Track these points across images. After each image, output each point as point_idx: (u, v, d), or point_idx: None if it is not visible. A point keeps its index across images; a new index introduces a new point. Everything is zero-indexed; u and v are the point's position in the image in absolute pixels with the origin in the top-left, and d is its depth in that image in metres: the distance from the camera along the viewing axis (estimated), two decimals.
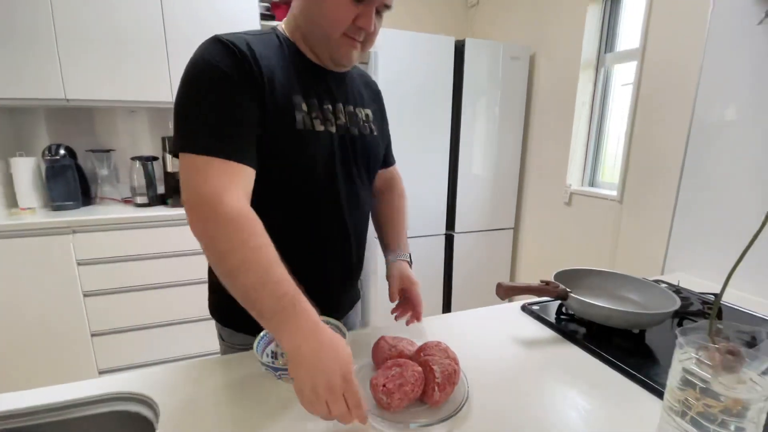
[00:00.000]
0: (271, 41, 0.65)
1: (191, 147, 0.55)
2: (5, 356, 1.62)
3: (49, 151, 1.78)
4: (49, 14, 1.58)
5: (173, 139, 0.58)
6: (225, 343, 0.79)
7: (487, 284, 2.32)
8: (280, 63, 0.64)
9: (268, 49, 0.63)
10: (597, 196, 1.79)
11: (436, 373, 0.55)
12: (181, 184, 0.56)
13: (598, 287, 0.93)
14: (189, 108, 0.57)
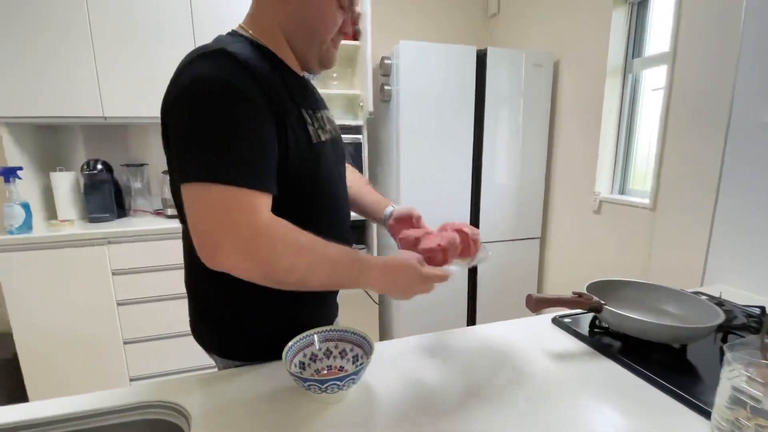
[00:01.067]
0: (249, 50, 0.60)
1: (221, 177, 0.50)
2: (42, 363, 1.69)
3: (87, 165, 1.87)
4: (89, 41, 1.68)
5: (183, 165, 0.53)
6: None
7: (514, 296, 2.26)
8: (273, 74, 0.60)
9: (258, 60, 0.59)
10: (628, 204, 1.73)
11: (469, 233, 0.76)
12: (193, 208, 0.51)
13: (633, 299, 0.89)
14: (211, 133, 0.51)
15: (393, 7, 2.45)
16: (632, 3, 1.74)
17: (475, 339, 0.84)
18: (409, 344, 0.82)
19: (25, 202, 1.65)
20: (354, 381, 0.60)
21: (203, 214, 0.51)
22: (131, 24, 1.71)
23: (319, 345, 0.70)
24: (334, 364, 0.69)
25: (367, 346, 0.67)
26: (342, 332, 0.70)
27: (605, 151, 1.86)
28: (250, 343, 0.72)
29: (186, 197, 0.53)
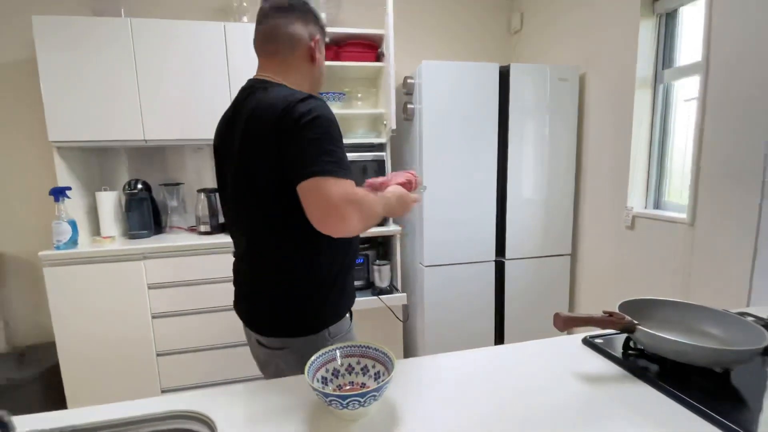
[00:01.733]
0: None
1: (343, 173, 0.74)
2: (81, 371, 1.77)
3: (128, 185, 1.99)
4: (134, 73, 1.82)
5: (306, 162, 0.73)
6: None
7: (544, 314, 2.18)
8: None
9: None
10: (663, 219, 1.65)
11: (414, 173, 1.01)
12: (331, 195, 0.72)
13: (670, 320, 0.85)
14: (327, 147, 0.74)
15: (415, 28, 2.50)
16: (660, 14, 1.70)
17: (502, 358, 0.81)
18: (434, 362, 0.81)
19: (72, 220, 1.77)
20: (375, 398, 0.60)
21: (331, 197, 0.71)
22: (171, 58, 1.84)
23: (341, 360, 0.70)
24: (356, 380, 0.69)
25: (389, 363, 0.67)
26: (364, 348, 0.71)
27: (637, 164, 1.80)
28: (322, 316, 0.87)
29: (311, 186, 0.72)
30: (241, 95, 0.87)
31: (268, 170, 0.77)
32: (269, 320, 0.87)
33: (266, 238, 0.83)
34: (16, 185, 2.08)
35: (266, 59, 0.88)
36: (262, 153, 0.77)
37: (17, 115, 2.04)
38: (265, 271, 0.86)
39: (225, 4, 2.19)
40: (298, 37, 0.86)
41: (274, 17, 0.86)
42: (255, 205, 0.82)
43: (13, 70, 2.02)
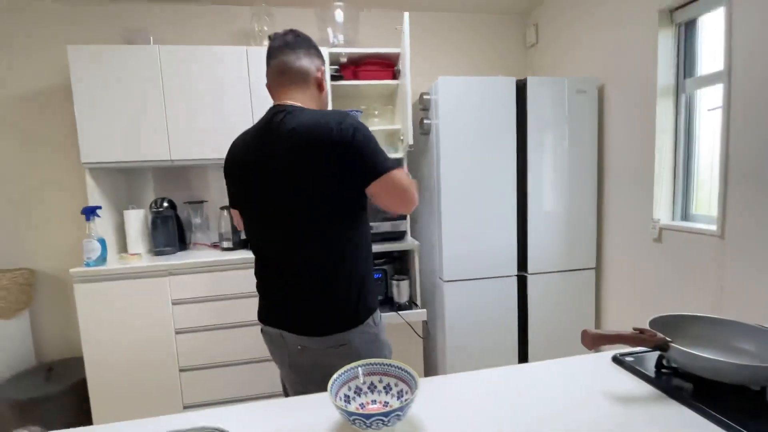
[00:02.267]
0: None
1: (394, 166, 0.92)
2: (107, 386, 1.81)
3: (155, 204, 2.06)
4: (161, 95, 1.90)
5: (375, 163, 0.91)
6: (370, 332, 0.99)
7: (569, 331, 2.12)
8: None
9: None
10: (692, 231, 1.60)
11: None
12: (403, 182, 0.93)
13: (704, 336, 0.81)
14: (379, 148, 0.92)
15: (431, 45, 2.55)
16: (679, 24, 1.68)
17: (527, 378, 0.79)
18: (456, 381, 0.79)
19: (102, 238, 1.84)
20: (399, 417, 0.59)
21: (403, 183, 0.93)
22: (196, 81, 1.92)
23: (363, 378, 0.69)
24: (379, 398, 0.69)
25: (412, 382, 0.66)
26: (386, 366, 0.70)
27: (662, 175, 1.75)
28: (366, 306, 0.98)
29: (387, 180, 0.91)
30: (272, 118, 0.95)
31: (323, 178, 0.89)
32: (324, 319, 0.93)
33: (317, 240, 0.93)
34: (50, 205, 2.19)
35: (283, 89, 1.00)
36: (319, 164, 0.89)
37: (52, 138, 2.16)
38: (317, 272, 0.93)
39: (246, 29, 2.28)
40: (307, 69, 1.00)
41: (284, 54, 0.99)
42: (307, 211, 0.91)
43: (49, 96, 2.14)
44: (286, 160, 0.90)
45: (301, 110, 0.94)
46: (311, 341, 0.93)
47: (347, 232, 0.95)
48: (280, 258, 0.97)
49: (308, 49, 1.01)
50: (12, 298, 2.00)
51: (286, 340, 0.97)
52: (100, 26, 2.17)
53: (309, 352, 0.95)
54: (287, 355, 0.99)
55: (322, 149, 0.88)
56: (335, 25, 2.13)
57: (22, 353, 2.10)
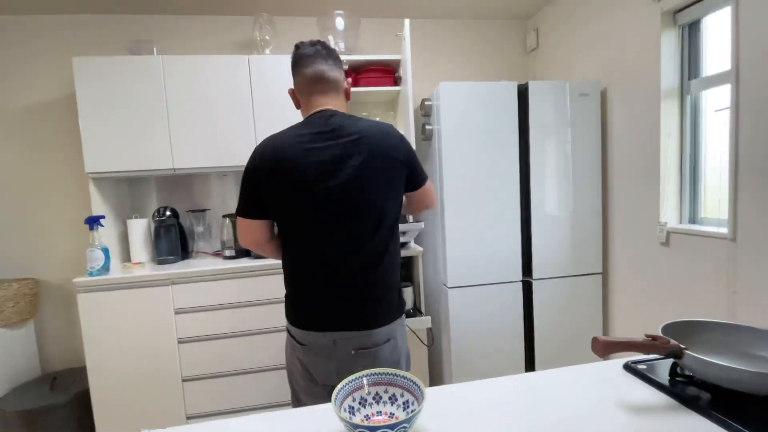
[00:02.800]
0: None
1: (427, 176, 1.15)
2: (110, 396, 1.79)
3: (158, 212, 2.06)
4: (164, 106, 1.91)
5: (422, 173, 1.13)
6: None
7: (576, 337, 2.08)
8: None
9: None
10: (701, 234, 1.57)
11: None
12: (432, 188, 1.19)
13: (719, 343, 0.79)
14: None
15: (432, 51, 2.55)
16: (682, 25, 1.67)
17: (536, 387, 0.77)
18: (463, 391, 0.77)
19: (105, 247, 1.84)
20: (406, 429, 0.57)
21: (433, 189, 1.19)
22: (199, 90, 1.93)
23: (368, 389, 0.68)
24: (385, 409, 0.67)
25: (418, 392, 0.65)
26: (392, 376, 0.68)
27: (668, 177, 1.73)
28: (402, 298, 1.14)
29: (430, 186, 1.17)
30: (328, 120, 1.02)
31: (392, 179, 1.03)
32: (381, 311, 1.03)
33: (380, 236, 1.02)
34: (55, 214, 2.19)
35: (320, 96, 1.06)
36: (390, 168, 1.02)
37: (57, 148, 2.17)
38: (378, 267, 1.02)
39: (248, 38, 2.30)
40: (338, 79, 1.09)
41: (318, 63, 1.06)
42: (376, 209, 1.01)
43: (54, 107, 2.16)
44: (361, 159, 0.98)
45: (349, 116, 1.04)
46: (367, 336, 1.00)
47: (395, 228, 1.07)
48: (341, 256, 1.00)
49: (336, 61, 1.09)
50: (18, 308, 2.00)
51: (338, 347, 1.00)
52: (105, 37, 2.19)
53: (361, 356, 1.00)
54: (335, 366, 1.00)
55: (393, 155, 1.02)
56: (336, 32, 2.14)
57: (27, 363, 2.09)
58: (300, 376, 1.07)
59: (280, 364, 1.91)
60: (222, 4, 2.18)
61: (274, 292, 1.89)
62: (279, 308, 1.90)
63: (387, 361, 1.03)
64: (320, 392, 1.04)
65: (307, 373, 1.05)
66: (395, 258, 1.08)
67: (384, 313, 1.03)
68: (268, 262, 1.90)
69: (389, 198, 1.03)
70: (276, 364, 1.90)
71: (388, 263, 1.05)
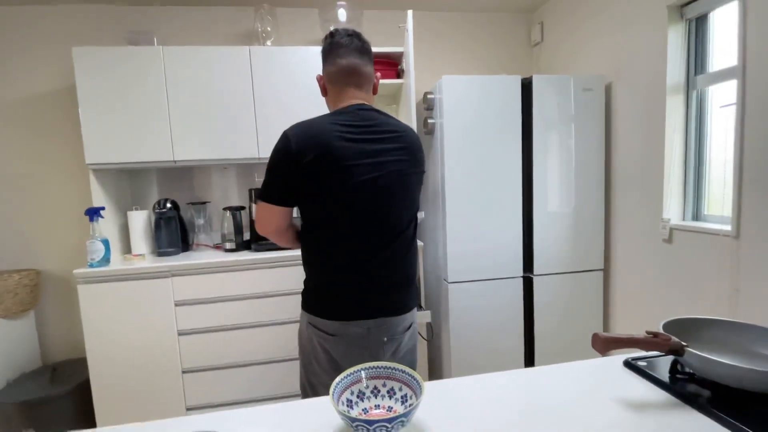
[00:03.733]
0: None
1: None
2: (110, 388, 1.80)
3: (158, 204, 2.06)
4: (165, 97, 1.90)
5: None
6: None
7: (577, 333, 2.08)
8: None
9: None
10: (704, 231, 1.56)
11: None
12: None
13: (720, 340, 0.78)
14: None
15: (435, 44, 2.53)
16: (690, 19, 1.65)
17: (535, 382, 0.77)
18: (462, 385, 0.77)
19: (105, 239, 1.84)
20: (403, 423, 0.57)
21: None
22: (199, 82, 1.92)
23: (367, 382, 0.67)
24: (383, 403, 0.66)
25: (416, 386, 0.64)
26: (390, 370, 0.68)
27: (672, 173, 1.72)
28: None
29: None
30: (367, 114, 1.05)
31: (419, 172, 1.11)
32: (410, 297, 1.10)
33: (410, 226, 1.09)
34: (55, 206, 2.19)
35: (352, 89, 1.08)
36: (418, 161, 1.10)
37: (57, 139, 2.17)
38: (408, 255, 1.09)
39: (249, 29, 2.28)
40: (370, 74, 1.11)
41: (354, 56, 1.07)
42: (409, 200, 1.08)
43: (53, 99, 2.15)
44: (400, 153, 1.04)
45: (383, 112, 1.08)
46: (399, 321, 1.05)
47: (416, 218, 1.13)
48: (379, 246, 1.03)
49: (370, 55, 1.11)
50: (18, 299, 2.00)
51: (371, 334, 1.02)
52: (104, 28, 2.17)
53: (390, 344, 1.05)
54: (368, 354, 1.01)
55: (422, 157, 1.12)
56: (338, 24, 2.11)
57: (27, 354, 2.10)
58: (322, 370, 1.03)
59: (279, 356, 1.91)
60: None
61: (273, 284, 1.90)
62: (279, 301, 1.91)
63: (406, 345, 1.11)
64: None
65: (333, 365, 1.01)
66: (417, 247, 1.16)
67: (411, 299, 1.11)
68: (268, 255, 1.90)
69: (417, 191, 1.12)
70: (276, 356, 1.91)
71: (415, 251, 1.13)
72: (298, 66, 1.96)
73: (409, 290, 1.11)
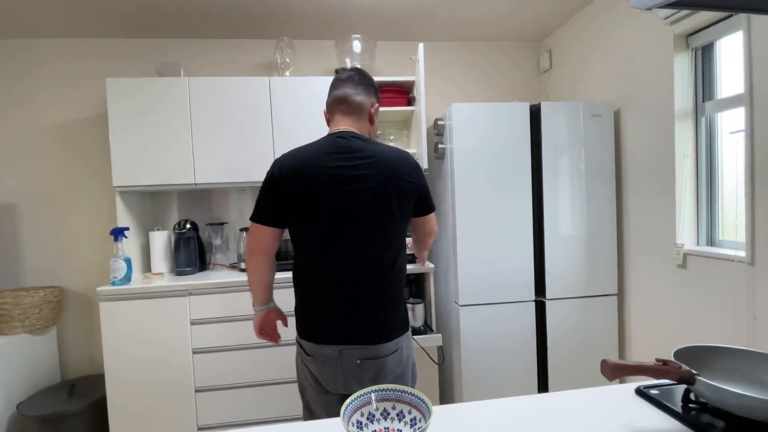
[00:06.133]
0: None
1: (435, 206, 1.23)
2: (126, 404, 1.83)
3: (178, 225, 2.14)
4: (188, 124, 2.01)
5: (430, 201, 1.19)
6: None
7: (591, 359, 2.03)
8: None
9: None
10: (719, 257, 1.54)
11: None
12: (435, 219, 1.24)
13: (735, 369, 0.77)
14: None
15: (445, 71, 2.61)
16: (696, 48, 1.68)
17: (546, 408, 0.77)
18: (472, 410, 0.77)
19: (128, 258, 1.91)
20: None
21: (435, 220, 1.24)
22: (221, 109, 2.02)
23: (376, 405, 0.69)
24: (392, 426, 0.68)
25: (425, 409, 0.66)
26: (400, 392, 0.69)
27: (684, 199, 1.71)
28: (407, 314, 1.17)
29: (432, 216, 1.21)
30: (344, 141, 1.08)
31: (400, 200, 1.07)
32: (390, 326, 1.06)
33: (388, 251, 1.07)
34: (81, 226, 2.29)
35: (341, 116, 1.14)
36: (399, 188, 1.06)
37: (86, 164, 2.29)
38: (386, 282, 1.06)
39: (269, 60, 2.40)
40: (362, 103, 1.14)
41: (347, 87, 1.14)
42: (384, 225, 1.05)
43: (86, 125, 2.29)
44: (375, 180, 1.04)
45: (367, 139, 1.11)
46: (375, 350, 1.03)
47: (400, 247, 1.10)
48: (350, 271, 1.04)
49: (367, 87, 1.16)
50: (42, 315, 2.08)
51: (343, 357, 1.02)
52: (135, 60, 2.32)
53: (367, 365, 1.02)
54: (342, 376, 1.03)
55: (406, 180, 1.07)
56: (353, 55, 2.22)
57: (47, 369, 2.16)
58: (311, 387, 1.10)
59: (292, 377, 1.91)
60: (246, 29, 2.29)
61: (286, 304, 1.92)
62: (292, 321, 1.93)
63: (393, 371, 1.06)
64: (331, 400, 1.07)
65: (317, 383, 1.08)
66: (401, 275, 1.12)
67: (388, 329, 1.06)
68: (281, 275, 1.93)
69: (398, 219, 1.08)
70: (288, 377, 1.92)
71: (395, 280, 1.09)
72: (314, 95, 2.05)
73: (388, 318, 1.07)
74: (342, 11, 2.13)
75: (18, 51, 2.23)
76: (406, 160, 1.09)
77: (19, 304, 1.98)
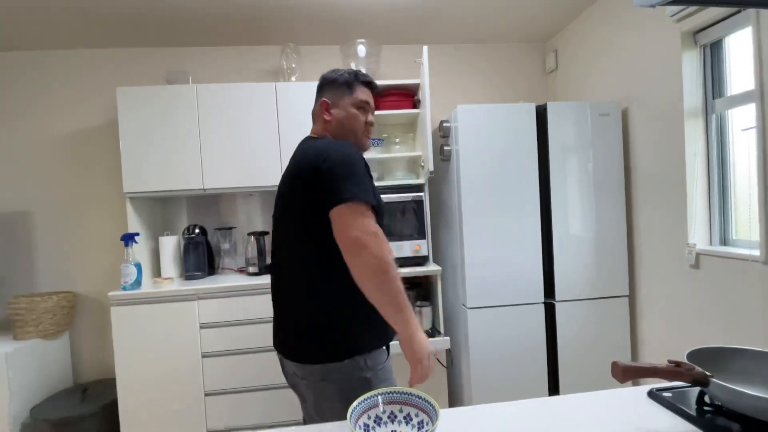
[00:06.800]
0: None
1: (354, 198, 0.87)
2: (136, 409, 1.85)
3: (187, 230, 2.16)
4: (197, 130, 2.03)
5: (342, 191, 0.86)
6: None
7: (602, 361, 2.00)
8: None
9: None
10: (733, 257, 1.51)
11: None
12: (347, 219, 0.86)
13: (750, 371, 0.76)
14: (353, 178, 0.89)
15: (451, 74, 2.61)
16: (704, 45, 1.66)
17: (557, 412, 0.76)
18: (481, 413, 0.77)
19: (138, 263, 1.94)
20: None
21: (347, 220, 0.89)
22: (228, 115, 2.05)
23: (384, 407, 0.69)
24: (399, 429, 0.67)
25: (432, 412, 0.65)
26: (407, 395, 0.69)
27: (695, 197, 1.68)
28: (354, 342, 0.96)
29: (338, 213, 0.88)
30: (301, 143, 1.09)
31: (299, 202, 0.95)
32: (305, 345, 0.94)
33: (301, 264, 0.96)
34: (92, 231, 2.33)
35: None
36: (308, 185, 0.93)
37: (97, 171, 2.33)
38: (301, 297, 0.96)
39: (276, 66, 2.43)
40: (315, 111, 1.13)
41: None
42: (292, 233, 0.98)
43: (97, 133, 2.33)
44: (284, 184, 1.03)
45: (314, 139, 1.07)
46: (295, 367, 0.97)
47: (326, 258, 0.90)
48: (278, 281, 1.05)
49: (320, 88, 1.13)
50: (55, 320, 2.11)
51: (284, 364, 1.05)
52: (145, 68, 2.36)
53: (298, 380, 0.99)
54: (288, 380, 1.07)
55: (311, 171, 0.91)
56: (358, 59, 2.23)
57: (60, 373, 2.19)
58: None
59: None
60: (252, 36, 2.32)
61: None
62: None
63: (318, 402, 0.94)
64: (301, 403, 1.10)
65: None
66: (330, 292, 0.91)
67: (311, 350, 0.92)
68: None
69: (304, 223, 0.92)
70: None
71: (324, 295, 0.92)
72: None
73: (310, 339, 0.92)
74: (346, 16, 2.15)
75: (32, 63, 2.29)
76: (318, 149, 0.94)
77: (34, 309, 2.02)
